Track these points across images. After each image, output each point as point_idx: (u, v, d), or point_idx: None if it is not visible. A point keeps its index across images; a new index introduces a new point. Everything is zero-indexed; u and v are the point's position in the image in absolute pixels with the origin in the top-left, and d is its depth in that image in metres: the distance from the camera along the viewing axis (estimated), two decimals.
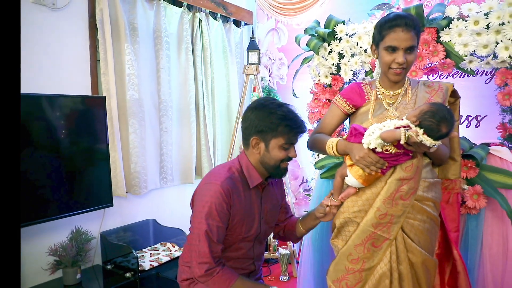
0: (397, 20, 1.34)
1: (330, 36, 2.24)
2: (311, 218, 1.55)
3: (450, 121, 1.17)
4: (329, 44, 2.26)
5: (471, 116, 2.58)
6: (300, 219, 1.61)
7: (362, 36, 2.12)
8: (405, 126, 1.19)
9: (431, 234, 1.38)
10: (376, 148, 1.23)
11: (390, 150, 1.23)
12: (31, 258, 2.08)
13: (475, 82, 2.51)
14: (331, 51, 2.26)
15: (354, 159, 1.30)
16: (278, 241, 2.85)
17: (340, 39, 2.22)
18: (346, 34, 2.21)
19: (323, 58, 2.29)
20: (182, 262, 1.57)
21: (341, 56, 2.23)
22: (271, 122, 1.34)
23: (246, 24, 3.58)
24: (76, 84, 2.31)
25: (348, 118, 1.56)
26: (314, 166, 2.15)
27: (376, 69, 2.06)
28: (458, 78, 2.60)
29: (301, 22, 3.32)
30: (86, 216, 2.29)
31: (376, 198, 1.33)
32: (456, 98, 1.50)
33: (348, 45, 2.18)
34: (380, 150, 1.23)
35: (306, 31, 2.40)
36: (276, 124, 1.34)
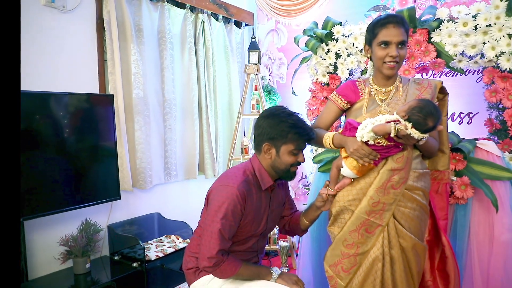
0: (388, 18, 1.47)
1: (328, 37, 2.35)
2: (313, 210, 1.65)
3: (436, 115, 1.28)
4: (326, 44, 2.37)
5: (464, 113, 2.68)
6: (303, 212, 1.71)
7: (358, 36, 2.22)
8: (395, 121, 1.30)
9: (421, 221, 1.49)
10: (368, 141, 1.34)
11: (381, 143, 1.34)
12: (44, 248, 2.18)
13: (467, 80, 2.62)
14: (329, 51, 2.36)
15: (348, 151, 1.41)
16: (279, 234, 2.95)
17: (337, 40, 2.32)
18: (343, 35, 2.31)
19: (321, 57, 2.40)
20: (189, 252, 1.67)
21: (338, 56, 2.34)
22: (282, 130, 1.45)
23: (247, 25, 3.68)
24: (84, 82, 2.41)
25: (343, 113, 1.67)
26: (312, 161, 2.25)
27: (368, 71, 2.17)
28: (450, 77, 2.71)
29: (300, 23, 3.42)
30: (95, 209, 2.40)
31: (369, 188, 1.44)
32: (444, 94, 1.60)
33: (344, 45, 2.29)
34: (372, 143, 1.34)
35: (304, 32, 2.51)
36: (286, 132, 1.45)
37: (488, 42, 1.83)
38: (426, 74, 2.59)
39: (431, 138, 1.50)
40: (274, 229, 2.78)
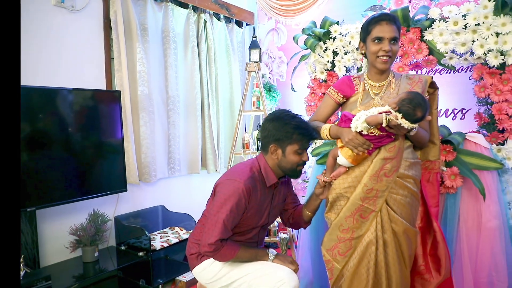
0: (381, 16, 1.57)
1: (325, 35, 2.45)
2: (313, 199, 1.75)
3: (424, 106, 1.38)
4: (324, 43, 2.47)
5: (457, 109, 2.79)
6: (304, 204, 1.82)
7: (354, 35, 2.32)
8: (386, 112, 1.40)
9: (412, 207, 1.58)
10: (362, 131, 1.43)
11: (374, 133, 1.44)
12: (55, 237, 2.29)
13: (460, 78, 2.72)
14: (326, 49, 2.46)
15: (344, 141, 1.51)
16: (279, 226, 3.05)
17: (334, 38, 2.42)
18: (340, 34, 2.41)
19: (319, 55, 2.50)
20: (192, 239, 1.77)
21: (335, 53, 2.44)
22: (287, 131, 1.56)
23: (247, 24, 3.78)
24: (92, 79, 2.51)
25: (340, 107, 1.77)
26: (311, 154, 2.35)
27: (363, 67, 2.27)
28: (444, 74, 2.81)
29: (299, 23, 3.52)
30: (102, 201, 2.50)
31: (363, 175, 1.54)
32: (434, 89, 1.70)
33: (341, 43, 2.39)
34: (366, 133, 1.44)
35: (303, 31, 2.61)
36: (291, 133, 1.56)
37: (477, 40, 1.93)
38: (420, 71, 2.68)
39: (422, 130, 1.60)
40: (274, 222, 2.89)
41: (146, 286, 2.39)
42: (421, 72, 2.66)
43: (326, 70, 2.51)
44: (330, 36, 2.43)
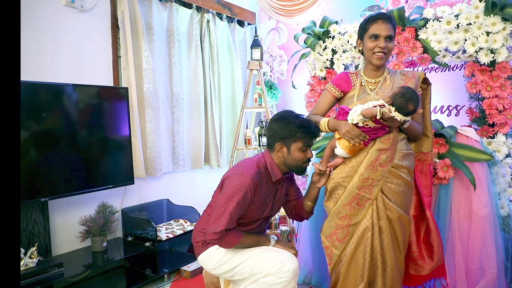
0: (378, 15, 1.68)
1: (325, 34, 2.55)
2: (311, 188, 1.85)
3: (416, 100, 1.47)
4: (323, 41, 2.57)
5: (451, 105, 2.89)
6: (304, 195, 1.91)
7: (353, 34, 2.42)
8: (380, 105, 1.49)
9: (406, 196, 1.68)
10: (358, 123, 1.53)
11: (369, 125, 1.54)
12: (65, 228, 2.39)
13: (454, 75, 2.82)
14: (326, 48, 2.56)
15: (341, 133, 1.61)
16: (279, 219, 3.15)
17: (333, 37, 2.52)
18: (339, 33, 2.51)
19: (319, 54, 2.60)
20: (198, 228, 1.87)
21: (334, 52, 2.54)
22: (291, 130, 1.66)
23: (249, 24, 3.88)
24: (100, 77, 2.61)
25: (338, 102, 1.86)
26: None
27: (360, 64, 2.37)
28: (440, 72, 2.91)
29: (299, 22, 3.62)
30: (110, 194, 2.60)
31: (360, 165, 1.64)
32: (427, 84, 1.79)
33: (340, 42, 2.49)
34: (362, 125, 1.54)
35: (303, 30, 2.71)
36: (295, 131, 1.66)
37: (468, 39, 2.03)
38: (417, 69, 2.78)
39: (415, 123, 1.69)
40: (276, 215, 3.00)
41: (152, 275, 2.48)
42: (417, 70, 2.77)
43: (325, 68, 2.61)
44: (329, 35, 2.53)
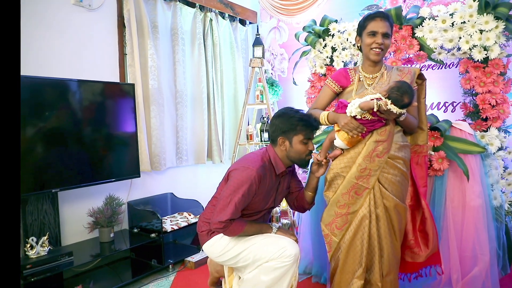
0: (376, 13, 1.76)
1: (325, 33, 2.64)
2: (311, 178, 1.93)
3: (411, 93, 1.56)
4: (323, 39, 2.65)
5: (448, 102, 2.97)
6: (305, 187, 1.99)
7: (352, 32, 2.51)
8: (377, 98, 1.58)
9: (401, 185, 1.76)
10: (356, 116, 1.62)
11: (367, 117, 1.62)
12: (74, 220, 2.47)
13: (450, 73, 2.90)
14: (326, 46, 2.65)
15: (340, 125, 1.69)
16: (281, 212, 3.23)
17: (333, 35, 2.61)
18: (338, 31, 2.60)
19: (319, 51, 2.68)
20: (203, 218, 1.95)
21: (334, 49, 2.62)
22: (291, 123, 1.75)
23: (250, 23, 3.97)
24: (106, 73, 2.70)
25: (337, 96, 1.95)
26: None
27: (358, 61, 2.46)
28: (436, 70, 2.99)
29: (300, 21, 3.70)
30: (117, 187, 2.68)
31: (358, 156, 1.72)
32: (422, 80, 1.87)
33: (339, 40, 2.57)
34: (359, 117, 1.62)
35: (304, 29, 2.79)
36: (295, 124, 1.75)
37: (463, 36, 2.12)
38: (413, 66, 2.87)
39: (411, 116, 1.78)
40: (277, 208, 3.08)
41: (157, 266, 2.57)
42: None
43: (325, 65, 2.70)
44: (329, 33, 2.62)
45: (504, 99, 2.07)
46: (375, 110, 1.55)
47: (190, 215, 2.93)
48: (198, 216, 2.93)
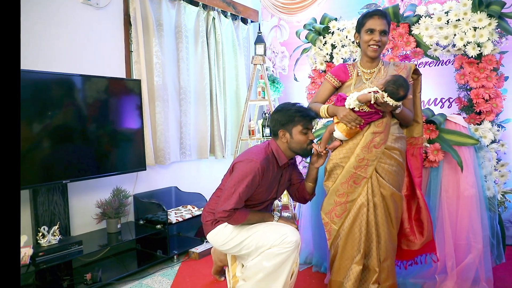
0: (375, 11, 1.85)
1: (325, 30, 2.72)
2: (310, 169, 2.02)
3: (406, 87, 1.64)
4: (323, 37, 2.74)
5: (444, 98, 3.05)
6: (305, 178, 2.07)
7: (351, 30, 2.59)
8: (374, 91, 1.66)
9: (398, 175, 1.85)
10: (354, 108, 1.70)
11: (365, 109, 1.70)
12: (82, 211, 2.56)
13: (447, 70, 2.98)
14: (326, 43, 2.73)
15: (339, 117, 1.78)
16: (282, 206, 3.32)
17: (333, 33, 2.69)
18: (338, 29, 2.68)
19: (319, 48, 2.77)
20: (207, 209, 2.03)
21: (333, 47, 2.71)
22: (289, 115, 1.85)
23: (252, 21, 4.05)
24: (113, 70, 2.78)
25: (336, 91, 2.03)
26: None
27: (357, 57, 2.54)
28: (433, 66, 3.08)
29: (300, 20, 3.78)
30: (123, 180, 2.77)
31: (356, 147, 1.80)
32: (417, 75, 1.95)
33: (339, 37, 2.66)
34: (357, 109, 1.70)
35: (305, 27, 2.88)
36: (293, 116, 1.84)
37: (457, 34, 2.20)
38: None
39: (406, 109, 1.86)
40: (278, 201, 3.17)
41: (162, 256, 2.65)
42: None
43: (325, 62, 2.78)
44: (329, 31, 2.70)
45: (497, 94, 2.15)
46: (372, 102, 1.64)
47: (194, 208, 3.02)
48: (202, 208, 3.01)
